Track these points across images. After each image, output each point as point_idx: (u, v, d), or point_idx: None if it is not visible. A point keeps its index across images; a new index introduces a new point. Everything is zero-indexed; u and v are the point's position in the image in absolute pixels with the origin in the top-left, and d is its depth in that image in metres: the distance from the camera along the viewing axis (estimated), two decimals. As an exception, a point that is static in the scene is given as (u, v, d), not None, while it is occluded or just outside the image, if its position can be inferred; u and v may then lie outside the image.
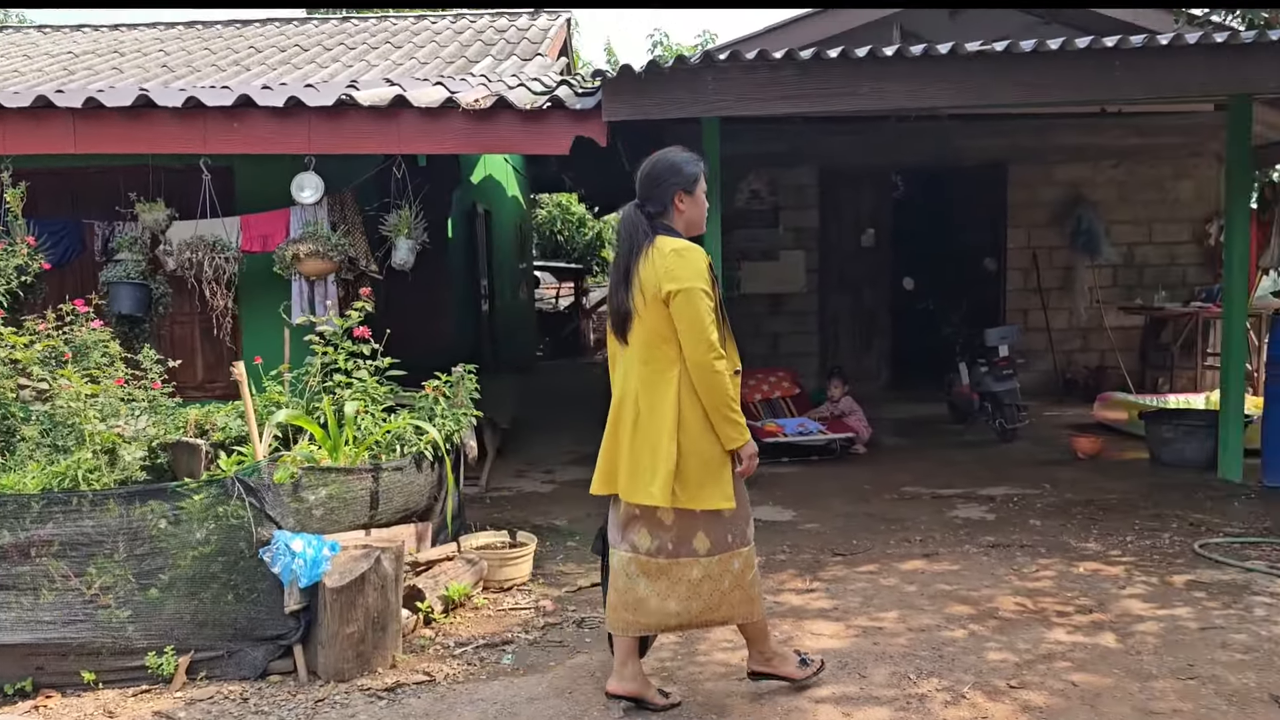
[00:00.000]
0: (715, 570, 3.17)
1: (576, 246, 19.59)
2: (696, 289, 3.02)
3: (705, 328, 3.01)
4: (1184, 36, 4.97)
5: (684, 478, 3.07)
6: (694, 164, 3.22)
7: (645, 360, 3.14)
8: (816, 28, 8.47)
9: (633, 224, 3.16)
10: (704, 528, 3.16)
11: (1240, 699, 3.27)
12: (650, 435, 3.10)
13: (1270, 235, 7.69)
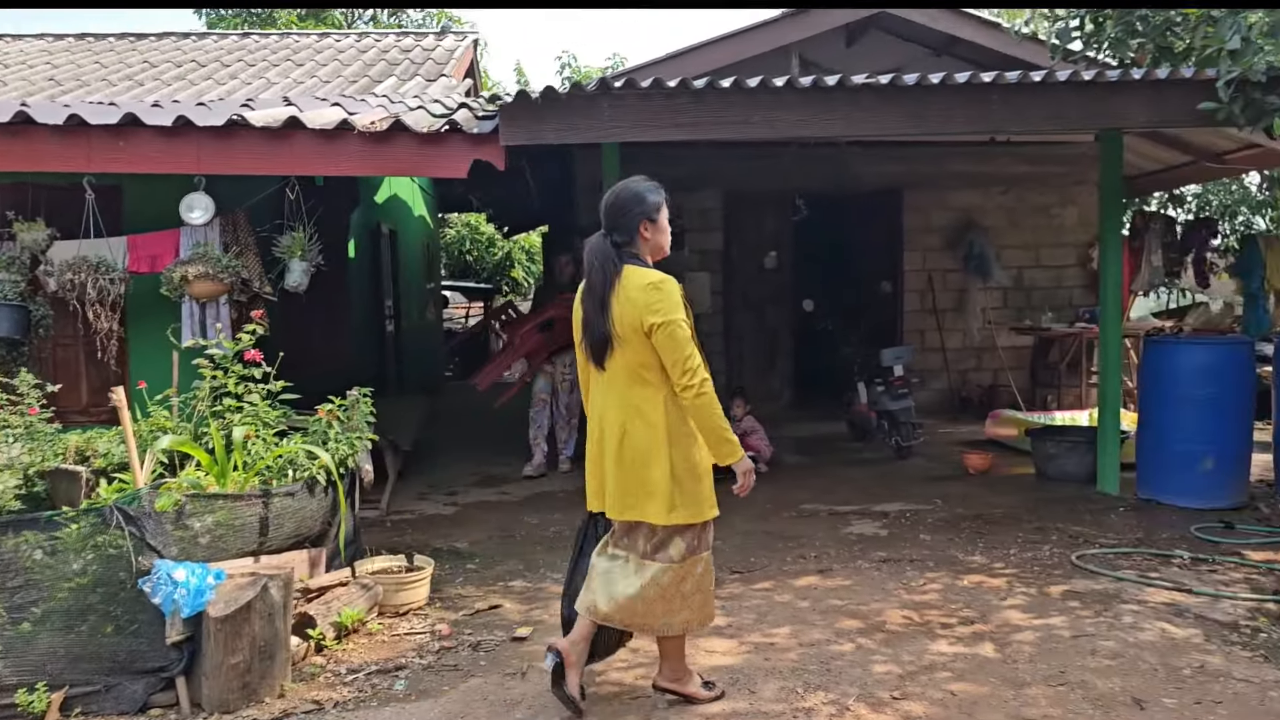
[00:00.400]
0: (681, 574, 3.33)
1: (486, 266, 19.49)
2: (677, 320, 3.18)
3: (689, 357, 3.17)
4: (1055, 74, 5.24)
5: (684, 493, 3.25)
6: (656, 192, 3.35)
7: (628, 385, 3.27)
8: (719, 54, 8.65)
9: (604, 254, 3.27)
10: (681, 535, 3.32)
11: (1106, 702, 3.43)
12: (640, 456, 3.25)
13: (1142, 260, 8.10)
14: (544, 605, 4.62)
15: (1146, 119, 5.49)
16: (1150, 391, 6.43)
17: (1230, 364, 6.15)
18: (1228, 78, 5.06)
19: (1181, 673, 3.68)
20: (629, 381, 3.27)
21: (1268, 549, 5.30)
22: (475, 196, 12.20)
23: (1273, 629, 4.15)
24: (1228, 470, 6.21)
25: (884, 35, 9.49)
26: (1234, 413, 6.18)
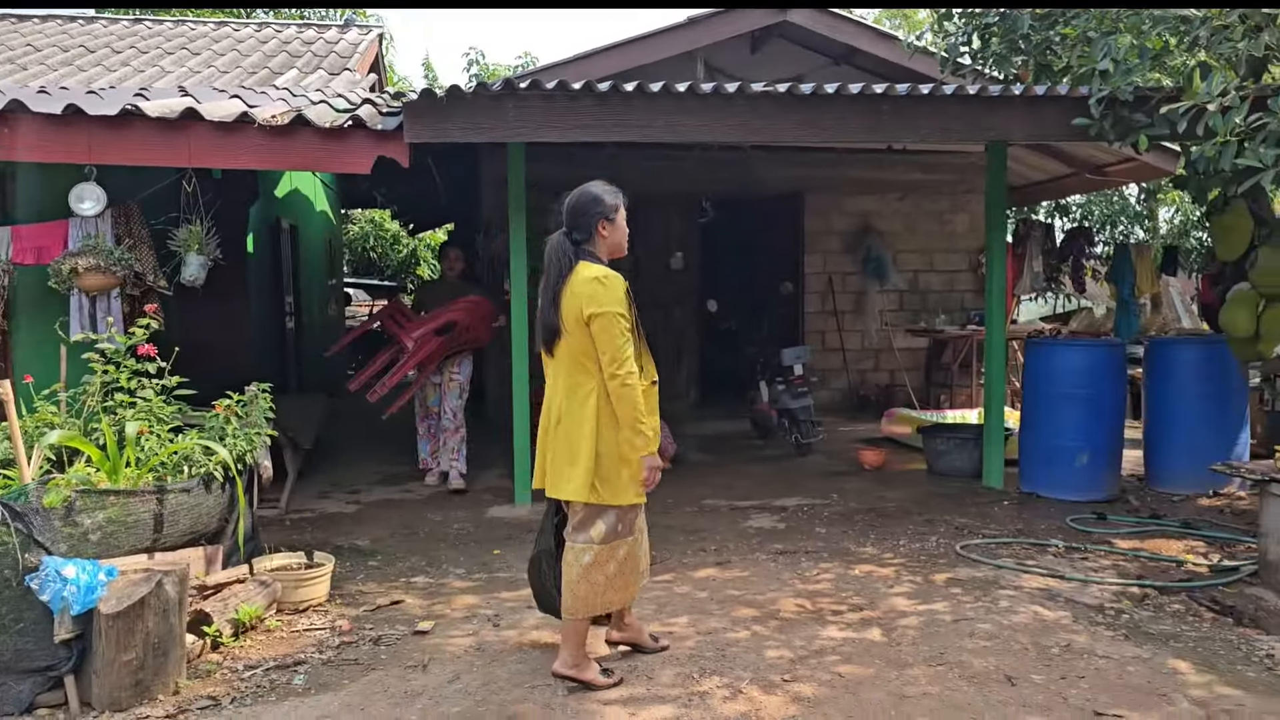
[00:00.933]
0: (603, 556, 3.55)
1: (390, 263, 19.24)
2: (614, 313, 3.41)
3: (620, 348, 3.40)
4: (942, 88, 5.50)
5: (604, 476, 3.47)
6: (614, 195, 3.63)
7: (570, 372, 3.53)
8: (626, 57, 8.76)
9: (560, 251, 3.54)
10: (603, 516, 3.55)
11: (980, 680, 3.64)
12: (570, 438, 3.50)
13: (1024, 266, 8.51)
14: (446, 600, 4.65)
15: (1026, 133, 5.80)
16: (1031, 391, 6.78)
17: (1103, 365, 6.53)
18: (1099, 96, 5.39)
19: (1050, 651, 3.91)
20: (570, 369, 3.52)
21: (1134, 538, 5.65)
22: (380, 193, 12.06)
23: (1135, 610, 4.44)
24: (1101, 465, 6.58)
25: (787, 44, 9.74)
26: (1107, 411, 6.55)
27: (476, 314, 7.05)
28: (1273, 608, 4.54)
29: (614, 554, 3.56)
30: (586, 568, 3.53)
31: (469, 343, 7.13)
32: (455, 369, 7.19)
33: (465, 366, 7.22)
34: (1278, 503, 4.71)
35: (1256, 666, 3.82)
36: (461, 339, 7.02)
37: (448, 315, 6.90)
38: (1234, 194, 5.64)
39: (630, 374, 3.40)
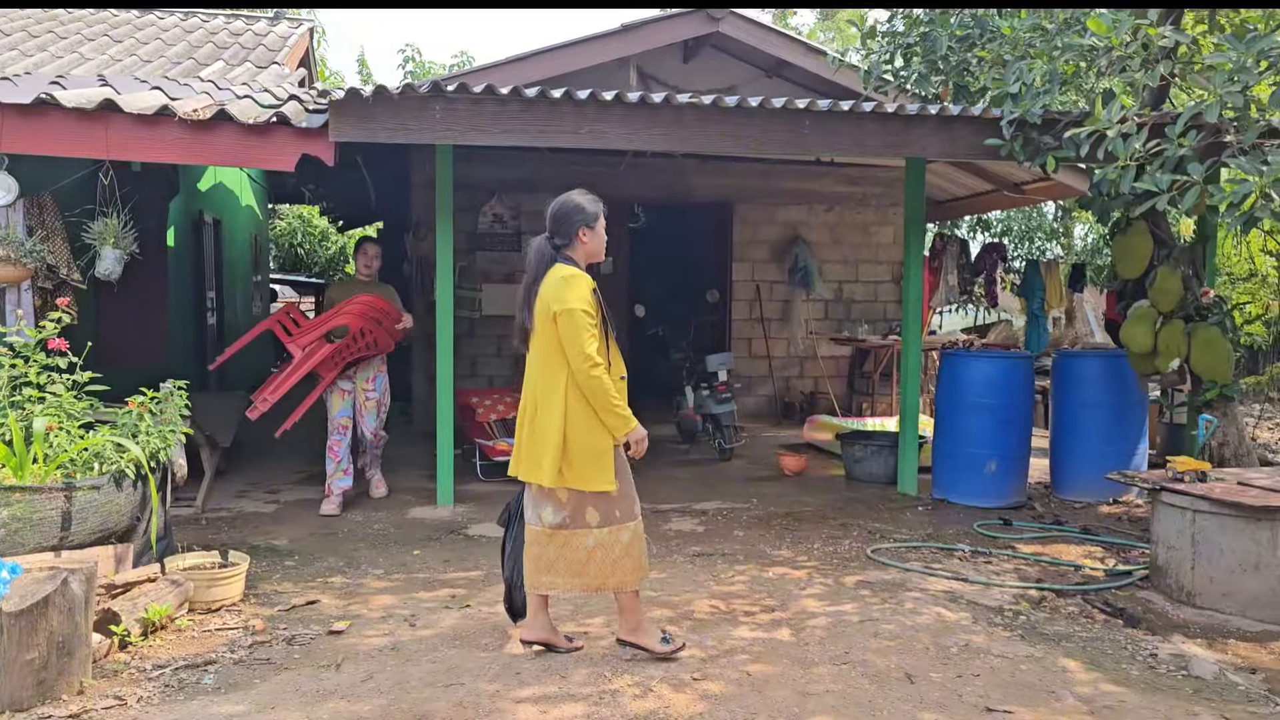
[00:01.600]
0: (606, 540, 3.77)
1: (318, 260, 18.97)
2: (577, 310, 3.62)
3: (583, 343, 3.62)
4: (861, 105, 5.67)
5: (571, 463, 3.70)
6: (595, 204, 3.86)
7: (541, 366, 3.76)
8: (559, 61, 8.80)
9: (540, 254, 3.79)
10: (593, 503, 3.77)
11: (881, 678, 3.78)
12: (542, 428, 3.73)
13: (940, 279, 8.77)
14: (363, 600, 4.65)
15: (940, 150, 6.00)
16: (944, 400, 7.00)
17: (1012, 377, 6.77)
18: (1010, 118, 5.62)
19: (949, 650, 4.07)
20: (543, 363, 3.76)
21: (1036, 543, 5.88)
22: (308, 188, 11.92)
23: (1032, 612, 4.64)
24: (1009, 472, 6.83)
25: (720, 54, 9.89)
26: (1015, 421, 6.80)
27: (370, 316, 6.26)
28: (1160, 610, 4.78)
29: (616, 538, 3.79)
30: (590, 551, 3.77)
31: (366, 349, 6.46)
32: (369, 386, 6.64)
33: (380, 381, 6.70)
34: (1168, 510, 4.95)
35: (1140, 665, 4.02)
36: (357, 346, 6.36)
37: (337, 319, 6.19)
38: (1135, 216, 5.92)
39: (595, 365, 3.63)
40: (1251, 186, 4.36)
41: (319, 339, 6.19)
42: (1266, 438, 11.48)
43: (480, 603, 4.63)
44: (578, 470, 3.72)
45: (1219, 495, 4.73)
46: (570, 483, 3.72)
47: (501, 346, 10.13)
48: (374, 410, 6.68)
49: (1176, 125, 4.93)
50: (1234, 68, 4.60)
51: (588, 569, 3.79)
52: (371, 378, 6.64)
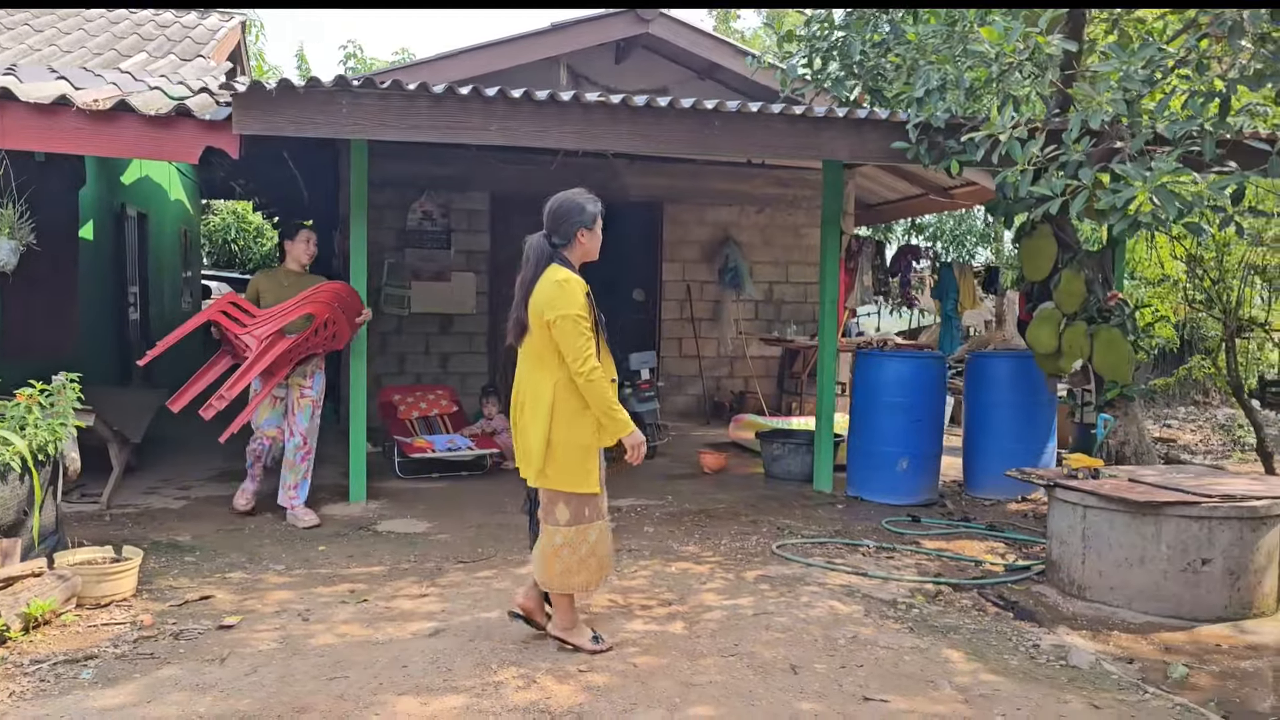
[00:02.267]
0: (574, 539, 3.82)
1: (253, 256, 18.72)
2: (573, 315, 3.66)
3: (580, 348, 3.66)
4: (769, 106, 5.75)
5: (556, 464, 3.77)
6: (594, 203, 3.90)
7: (532, 366, 3.83)
8: (490, 59, 8.80)
9: (539, 252, 3.81)
10: (564, 500, 3.83)
11: (766, 669, 3.84)
12: (529, 424, 3.81)
13: (855, 280, 8.91)
14: (260, 595, 4.62)
15: (850, 153, 6.11)
16: (859, 399, 7.11)
17: (923, 377, 6.91)
18: (915, 121, 5.73)
19: (837, 642, 4.15)
20: (533, 362, 3.82)
21: (942, 539, 6.00)
22: (238, 184, 11.77)
23: (926, 606, 4.74)
24: (920, 470, 6.96)
25: (651, 55, 9.95)
26: (926, 420, 6.93)
27: (340, 304, 5.83)
28: (1052, 603, 4.91)
29: (584, 537, 3.84)
30: (558, 548, 3.83)
31: (325, 343, 5.97)
32: (306, 383, 6.02)
33: (318, 380, 6.09)
34: (1062, 507, 5.09)
35: (1021, 656, 4.13)
36: (319, 338, 5.87)
37: (307, 306, 5.68)
38: (1039, 219, 6.07)
39: (594, 369, 3.67)
40: (1134, 192, 4.50)
41: (278, 330, 5.66)
42: (1188, 439, 11.83)
43: (379, 597, 4.62)
44: (560, 471, 3.78)
45: (1107, 491, 4.87)
46: (553, 483, 3.79)
47: (430, 344, 10.09)
48: (308, 410, 6.03)
49: (1072, 131, 5.07)
50: (1120, 76, 4.74)
51: (552, 564, 3.84)
52: (310, 374, 6.05)
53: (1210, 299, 8.14)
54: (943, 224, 15.36)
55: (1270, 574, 4.75)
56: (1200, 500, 4.67)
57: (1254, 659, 4.22)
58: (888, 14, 6.49)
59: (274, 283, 6.09)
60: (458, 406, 8.34)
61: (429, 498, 6.76)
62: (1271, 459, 8.02)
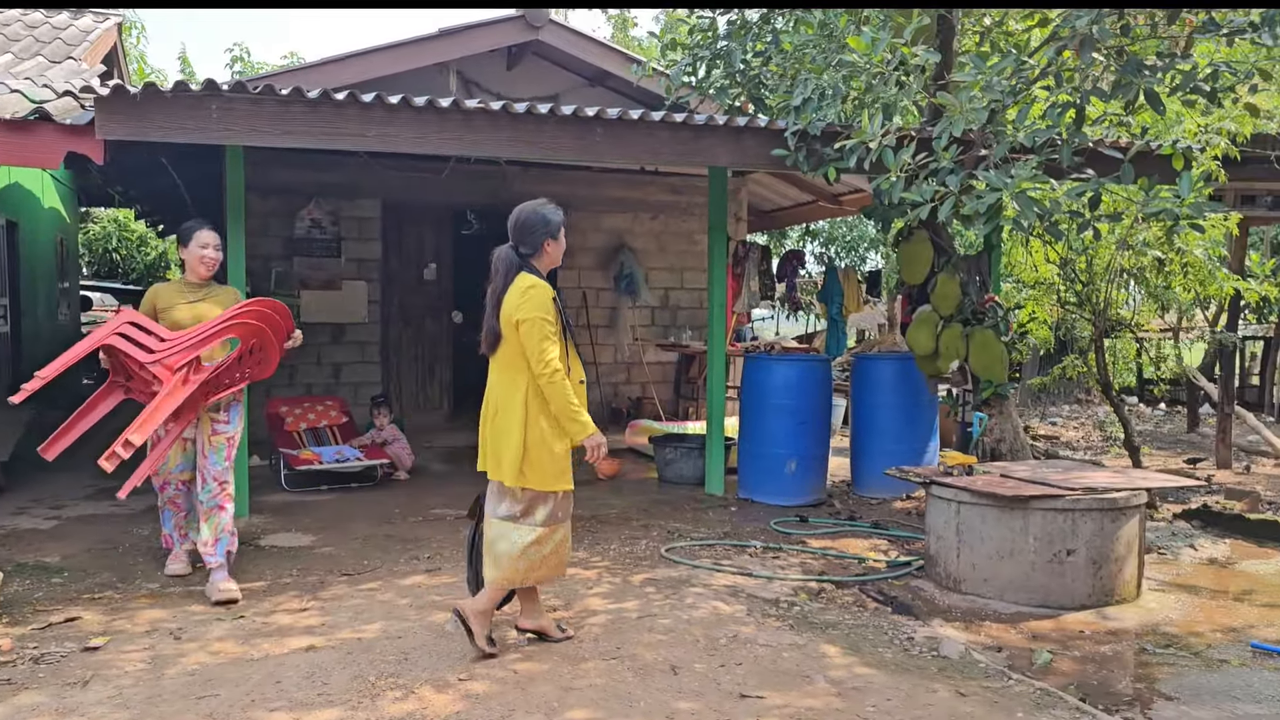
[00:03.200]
0: (544, 536, 3.96)
1: (136, 266, 18.03)
2: (538, 319, 3.81)
3: (544, 350, 3.81)
4: (650, 114, 5.82)
5: (532, 464, 3.89)
6: (557, 213, 4.04)
7: (503, 371, 3.96)
8: (378, 64, 8.67)
9: (508, 263, 3.94)
10: (544, 501, 3.97)
11: (647, 671, 3.87)
12: (503, 429, 3.93)
13: (743, 285, 9.07)
14: (130, 615, 4.46)
15: (731, 159, 6.22)
16: (748, 403, 7.23)
17: (809, 379, 7.06)
18: (793, 129, 5.87)
19: (719, 642, 4.21)
20: (505, 367, 3.95)
21: (828, 538, 6.14)
22: (116, 190, 11.33)
23: (808, 603, 4.84)
24: (809, 471, 7.11)
25: (542, 62, 9.95)
26: (813, 421, 7.09)
27: (271, 323, 4.70)
28: (929, 597, 5.08)
29: (553, 535, 3.99)
30: (526, 546, 3.92)
31: (251, 371, 4.84)
32: (222, 417, 4.90)
33: (235, 413, 4.97)
34: (937, 503, 5.26)
35: (895, 649, 4.25)
36: (243, 366, 4.77)
37: (232, 329, 4.59)
38: (915, 224, 6.27)
39: (555, 371, 3.82)
40: (996, 197, 4.69)
41: (196, 357, 4.55)
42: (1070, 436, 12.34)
43: (256, 613, 4.50)
44: (538, 471, 3.90)
45: (979, 487, 5.06)
46: (530, 483, 3.90)
47: (321, 355, 9.88)
48: (222, 449, 4.90)
49: (940, 139, 5.26)
50: (983, 86, 4.94)
51: (518, 563, 3.93)
52: (226, 406, 4.91)
53: (1081, 300, 8.50)
54: (835, 229, 15.74)
55: (1130, 562, 4.99)
56: (1064, 493, 4.88)
57: (1114, 643, 4.44)
58: (769, 24, 6.64)
59: (176, 296, 4.91)
60: (348, 417, 8.19)
61: (316, 510, 6.62)
62: (1138, 453, 8.42)
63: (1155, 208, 4.74)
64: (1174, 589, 5.23)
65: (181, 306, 4.86)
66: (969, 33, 7.26)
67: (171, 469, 4.99)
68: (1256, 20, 4.76)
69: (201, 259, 4.92)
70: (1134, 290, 10.48)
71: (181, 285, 5.00)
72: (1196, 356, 14.72)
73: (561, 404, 3.88)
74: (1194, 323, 14.59)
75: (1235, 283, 7.93)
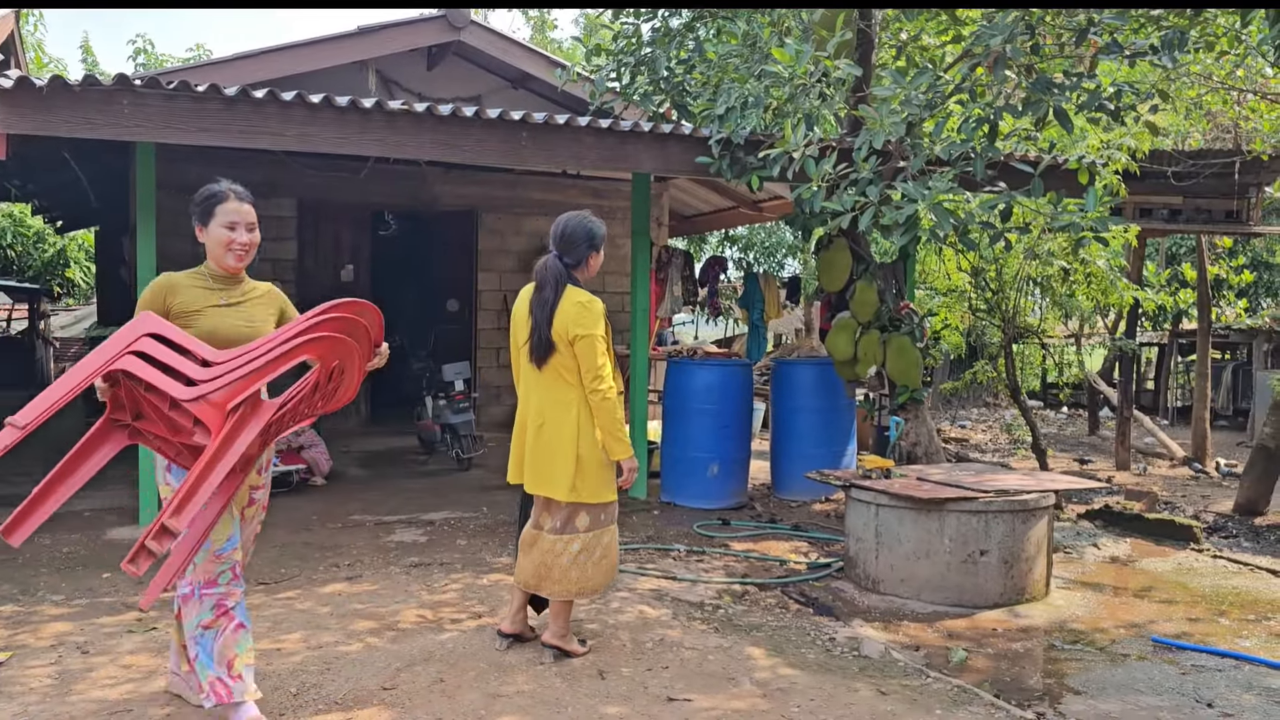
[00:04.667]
0: (590, 544, 3.97)
1: (32, 264, 17.27)
2: (596, 335, 3.84)
3: (600, 366, 3.83)
4: (576, 119, 5.83)
5: (585, 478, 3.89)
6: (601, 226, 4.08)
7: (553, 384, 3.91)
8: (293, 61, 8.53)
9: (557, 274, 3.91)
10: (587, 510, 3.98)
11: (574, 676, 3.87)
12: (552, 443, 3.90)
13: (665, 291, 9.14)
14: (33, 629, 4.28)
15: (655, 165, 6.27)
16: (670, 407, 7.28)
17: (730, 383, 7.14)
18: (717, 137, 5.95)
19: (645, 645, 4.23)
20: (553, 381, 3.90)
21: (750, 540, 6.21)
22: (13, 184, 10.85)
23: (732, 606, 4.90)
24: (730, 475, 7.18)
25: (464, 63, 9.88)
26: (734, 425, 7.17)
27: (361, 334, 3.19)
28: (849, 598, 5.18)
29: (599, 540, 3.99)
30: (576, 555, 3.94)
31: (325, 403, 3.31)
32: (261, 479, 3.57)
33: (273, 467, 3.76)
34: (856, 505, 5.37)
35: (818, 649, 4.33)
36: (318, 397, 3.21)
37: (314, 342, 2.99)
38: (834, 233, 6.40)
39: (610, 388, 3.85)
40: (914, 209, 4.82)
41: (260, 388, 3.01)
42: (979, 439, 12.73)
43: (170, 624, 4.35)
44: (590, 484, 3.91)
45: (897, 490, 5.18)
46: (583, 496, 3.90)
47: (233, 357, 9.62)
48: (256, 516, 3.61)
49: (860, 151, 5.38)
50: (901, 100, 5.08)
51: (570, 574, 3.94)
52: (267, 463, 3.59)
53: (991, 308, 8.79)
54: (754, 235, 15.96)
55: (1040, 561, 5.17)
56: (978, 496, 5.04)
57: (1025, 640, 4.59)
58: (693, 32, 6.70)
59: (203, 296, 3.40)
60: (262, 422, 7.96)
61: (229, 518, 6.43)
62: (1045, 455, 8.75)
63: (1063, 221, 4.92)
64: (1080, 587, 5.43)
65: (214, 311, 3.37)
66: (885, 46, 7.44)
67: (221, 545, 3.28)
68: (1157, 44, 4.99)
69: (230, 245, 3.42)
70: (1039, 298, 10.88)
71: (207, 279, 3.44)
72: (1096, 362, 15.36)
73: (610, 422, 3.90)
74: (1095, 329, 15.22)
75: (1135, 292, 8.28)
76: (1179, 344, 14.92)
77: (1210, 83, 7.64)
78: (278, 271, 9.80)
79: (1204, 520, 7.25)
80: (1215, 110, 8.40)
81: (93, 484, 6.60)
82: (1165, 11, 5.36)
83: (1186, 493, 8.55)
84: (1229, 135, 9.20)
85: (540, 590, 4.01)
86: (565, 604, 4.03)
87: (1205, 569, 5.86)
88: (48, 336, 15.65)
